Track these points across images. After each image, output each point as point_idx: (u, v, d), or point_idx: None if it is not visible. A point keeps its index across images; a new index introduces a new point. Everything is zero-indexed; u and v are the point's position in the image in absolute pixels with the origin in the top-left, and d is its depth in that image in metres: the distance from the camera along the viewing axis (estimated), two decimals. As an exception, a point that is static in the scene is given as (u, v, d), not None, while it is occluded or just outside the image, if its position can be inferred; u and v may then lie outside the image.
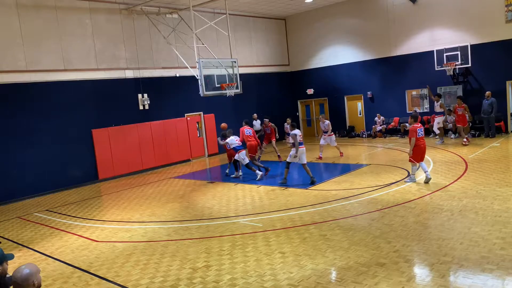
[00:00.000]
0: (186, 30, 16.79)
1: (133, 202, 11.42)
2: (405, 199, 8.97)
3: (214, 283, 5.78)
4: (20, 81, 13.33)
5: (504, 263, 5.47)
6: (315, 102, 23.25)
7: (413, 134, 10.00)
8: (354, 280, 5.40)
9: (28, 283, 3.18)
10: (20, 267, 3.27)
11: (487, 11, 16.70)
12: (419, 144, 10.03)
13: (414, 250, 6.22)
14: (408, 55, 19.10)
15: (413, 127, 10.05)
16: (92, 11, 15.11)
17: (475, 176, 10.44)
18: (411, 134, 10.05)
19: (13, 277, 3.22)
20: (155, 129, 16.79)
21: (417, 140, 9.96)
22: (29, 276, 3.20)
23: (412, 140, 10.04)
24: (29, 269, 3.23)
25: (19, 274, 3.21)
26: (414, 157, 10.10)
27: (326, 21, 21.56)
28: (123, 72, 15.99)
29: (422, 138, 10.10)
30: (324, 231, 7.40)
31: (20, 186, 13.22)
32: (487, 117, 16.25)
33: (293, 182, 11.92)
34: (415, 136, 9.95)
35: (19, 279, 3.18)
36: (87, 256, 7.42)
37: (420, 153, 10.10)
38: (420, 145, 10.04)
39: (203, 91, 14.17)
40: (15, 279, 3.21)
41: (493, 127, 16.41)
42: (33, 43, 13.59)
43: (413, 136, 9.99)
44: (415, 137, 9.95)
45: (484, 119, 16.48)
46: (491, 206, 7.91)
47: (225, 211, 9.55)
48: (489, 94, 16.23)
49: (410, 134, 10.12)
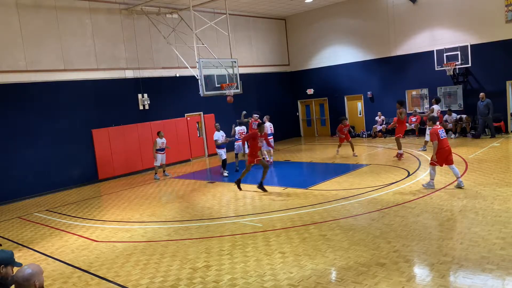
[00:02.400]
0: (186, 30, 16.79)
1: (133, 202, 11.42)
2: (405, 199, 8.97)
3: (214, 283, 5.78)
4: (20, 81, 13.34)
5: (504, 263, 5.47)
6: (315, 102, 23.25)
7: (435, 137, 9.37)
8: (354, 280, 5.40)
9: (29, 283, 3.17)
10: (22, 267, 3.26)
11: (487, 11, 16.70)
12: (443, 147, 9.42)
13: (414, 250, 6.22)
14: (408, 55, 19.10)
15: (433, 129, 9.47)
16: (92, 11, 15.11)
17: (475, 176, 10.44)
18: (433, 137, 9.44)
19: (15, 277, 3.21)
20: (155, 129, 16.77)
21: (441, 143, 9.40)
22: (31, 276, 3.19)
23: (434, 144, 9.39)
24: (31, 269, 3.22)
25: (21, 273, 3.19)
26: (438, 161, 9.52)
27: (326, 21, 21.56)
28: (123, 72, 15.99)
29: (445, 140, 9.51)
30: (324, 231, 7.40)
31: (20, 186, 13.22)
32: (485, 119, 16.29)
33: (293, 182, 11.92)
34: (437, 139, 9.36)
35: (20, 278, 3.17)
36: (87, 256, 7.42)
37: (445, 156, 9.48)
38: (444, 147, 9.42)
39: (203, 91, 14.16)
40: (16, 278, 3.20)
41: (492, 127, 16.42)
42: (33, 43, 13.59)
43: (435, 139, 9.36)
44: (437, 140, 9.36)
45: (481, 121, 16.52)
46: (491, 206, 7.91)
47: (225, 211, 9.55)
48: (483, 96, 16.24)
49: (431, 137, 9.52)
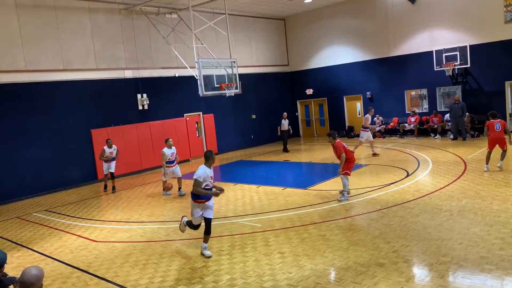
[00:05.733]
0: (186, 30, 16.78)
1: (132, 202, 11.41)
2: (404, 199, 8.98)
3: (213, 283, 5.78)
4: (19, 81, 13.32)
5: (503, 263, 5.47)
6: (314, 102, 23.25)
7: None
8: (353, 280, 5.40)
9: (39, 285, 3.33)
10: (29, 268, 3.36)
11: (486, 11, 16.71)
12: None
13: (413, 250, 6.22)
14: (407, 55, 19.11)
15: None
16: (91, 11, 15.10)
17: (474, 176, 10.45)
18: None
19: (24, 277, 3.30)
20: (154, 129, 16.77)
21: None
22: (41, 278, 3.35)
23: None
24: (39, 271, 3.36)
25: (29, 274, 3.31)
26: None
27: (325, 21, 21.56)
28: (122, 72, 15.98)
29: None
30: (323, 231, 7.40)
31: (19, 186, 13.21)
32: (458, 120, 16.40)
33: (292, 182, 11.92)
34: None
35: (33, 277, 3.29)
36: (86, 256, 7.41)
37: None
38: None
39: (202, 91, 14.16)
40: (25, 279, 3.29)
41: (464, 130, 16.52)
42: (33, 43, 13.57)
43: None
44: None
45: (453, 122, 16.70)
46: (490, 206, 7.92)
47: (224, 211, 9.55)
48: (458, 98, 16.75)
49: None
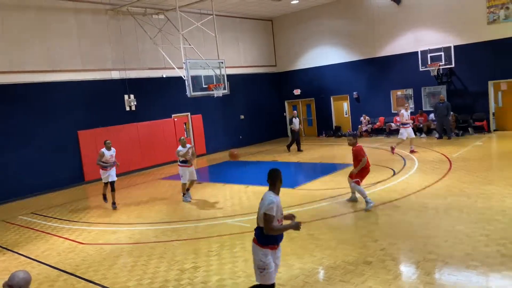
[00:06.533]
0: (173, 31, 16.70)
1: (120, 204, 11.32)
2: (391, 197, 9.07)
3: (202, 284, 5.78)
4: (3, 83, 13.11)
5: (488, 260, 5.57)
6: (302, 103, 23.34)
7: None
8: (342, 279, 5.45)
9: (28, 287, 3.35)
10: (17, 272, 3.37)
11: (469, 12, 16.98)
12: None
13: (400, 248, 6.30)
14: (393, 56, 19.31)
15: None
16: (77, 11, 14.94)
17: (459, 174, 10.61)
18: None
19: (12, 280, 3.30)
20: (142, 130, 16.67)
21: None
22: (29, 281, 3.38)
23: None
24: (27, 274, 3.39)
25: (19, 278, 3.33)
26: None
27: (312, 22, 21.67)
28: (109, 73, 15.84)
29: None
30: (311, 231, 7.44)
31: (4, 189, 12.98)
32: (443, 119, 16.64)
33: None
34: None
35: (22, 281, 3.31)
36: (74, 259, 7.34)
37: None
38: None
39: (190, 92, 14.11)
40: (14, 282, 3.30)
41: (449, 129, 16.78)
42: (17, 44, 13.36)
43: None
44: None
45: (438, 121, 16.95)
46: (475, 204, 8.05)
47: (213, 212, 9.54)
48: (443, 98, 16.92)
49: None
